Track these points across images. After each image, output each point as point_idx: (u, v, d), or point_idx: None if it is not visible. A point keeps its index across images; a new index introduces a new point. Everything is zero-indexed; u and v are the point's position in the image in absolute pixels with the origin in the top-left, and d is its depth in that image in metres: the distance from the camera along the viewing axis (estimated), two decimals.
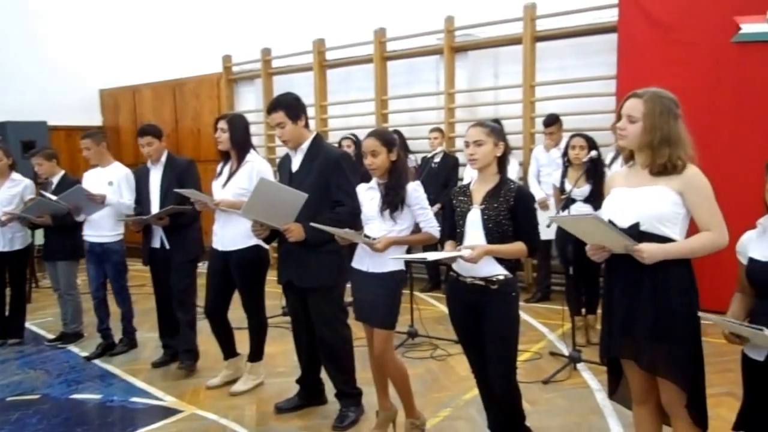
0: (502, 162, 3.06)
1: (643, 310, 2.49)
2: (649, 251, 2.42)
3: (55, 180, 5.58)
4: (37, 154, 5.60)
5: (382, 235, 3.34)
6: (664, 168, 2.48)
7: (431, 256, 3.08)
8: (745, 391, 2.35)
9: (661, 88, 2.58)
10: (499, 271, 2.96)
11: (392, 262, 3.37)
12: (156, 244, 4.79)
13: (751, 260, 2.29)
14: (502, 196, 2.96)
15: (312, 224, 3.44)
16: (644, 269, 2.46)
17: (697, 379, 2.52)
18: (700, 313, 2.30)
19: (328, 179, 3.69)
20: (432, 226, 3.41)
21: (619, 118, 2.61)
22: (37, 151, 5.71)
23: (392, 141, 3.38)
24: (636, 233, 2.48)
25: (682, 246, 2.47)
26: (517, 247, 2.95)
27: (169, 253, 4.73)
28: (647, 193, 2.51)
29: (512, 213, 2.94)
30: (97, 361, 5.24)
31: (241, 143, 4.28)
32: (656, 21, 6.09)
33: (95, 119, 11.03)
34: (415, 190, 3.37)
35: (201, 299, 4.60)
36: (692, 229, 2.54)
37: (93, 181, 5.24)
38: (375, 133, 3.41)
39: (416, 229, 3.46)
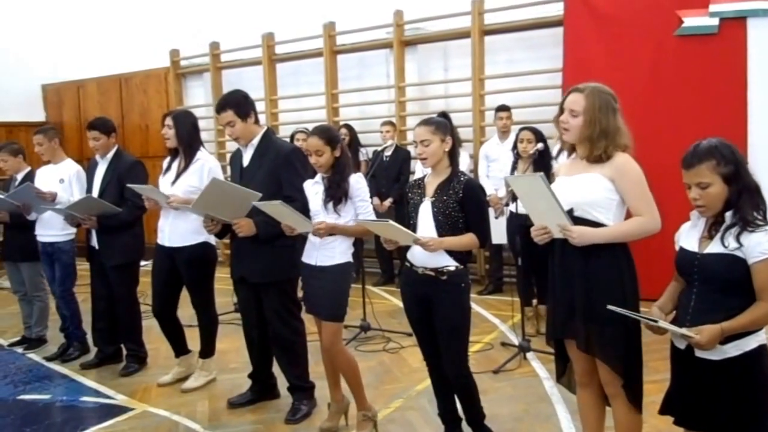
0: (453, 155, 3.12)
1: (578, 292, 2.60)
2: (579, 232, 2.53)
3: (20, 177, 5.29)
4: (2, 150, 5.30)
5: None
6: (599, 158, 2.60)
7: (393, 223, 2.99)
8: (671, 377, 2.44)
9: (601, 83, 2.68)
10: (449, 263, 3.03)
11: (339, 255, 3.41)
12: (94, 243, 4.71)
13: (680, 249, 2.38)
14: (451, 189, 3.03)
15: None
16: (580, 253, 2.57)
17: (629, 360, 2.60)
18: (609, 306, 2.37)
19: (278, 174, 3.69)
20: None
21: (562, 111, 2.69)
22: (2, 146, 5.39)
23: (335, 138, 3.41)
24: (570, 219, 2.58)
25: (612, 230, 2.58)
26: (468, 239, 3.02)
27: (100, 255, 4.67)
28: (581, 180, 2.62)
29: (461, 205, 3.01)
30: (44, 362, 5.11)
31: (187, 140, 4.23)
32: (600, 15, 6.24)
33: (38, 115, 10.60)
34: (357, 182, 3.41)
35: (149, 297, 4.53)
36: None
37: (44, 178, 5.10)
38: (318, 131, 3.41)
39: None
